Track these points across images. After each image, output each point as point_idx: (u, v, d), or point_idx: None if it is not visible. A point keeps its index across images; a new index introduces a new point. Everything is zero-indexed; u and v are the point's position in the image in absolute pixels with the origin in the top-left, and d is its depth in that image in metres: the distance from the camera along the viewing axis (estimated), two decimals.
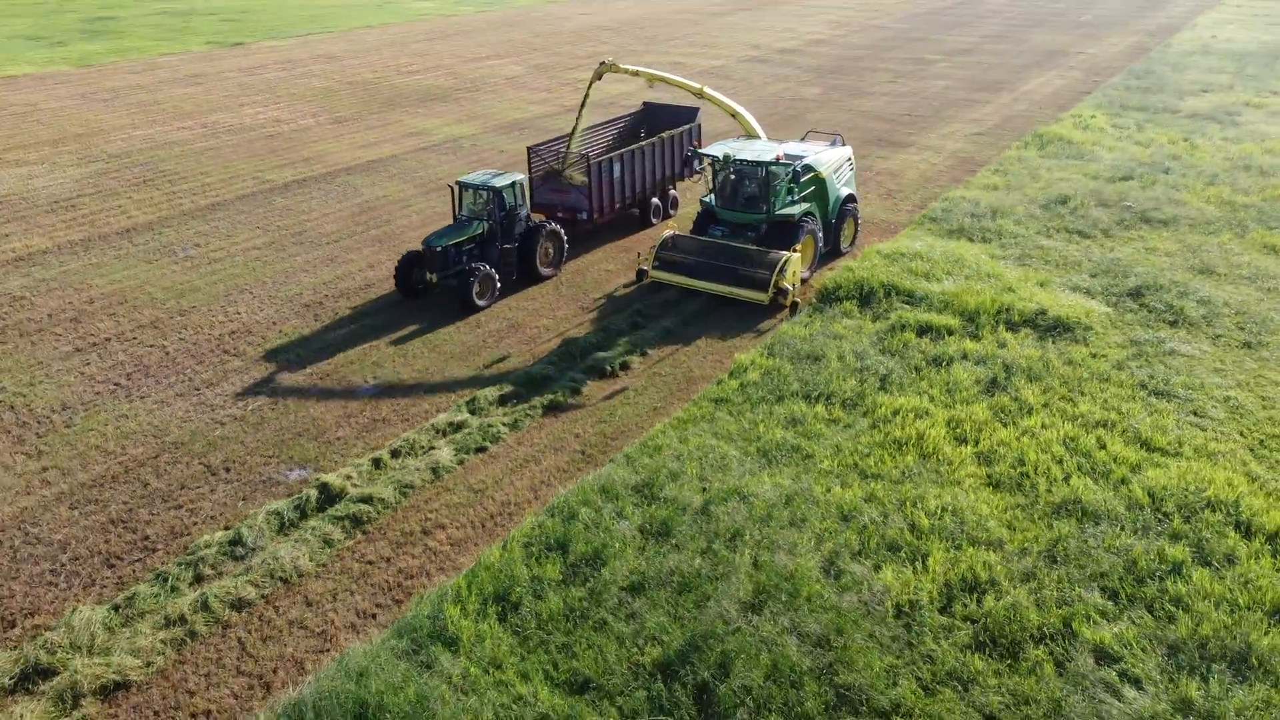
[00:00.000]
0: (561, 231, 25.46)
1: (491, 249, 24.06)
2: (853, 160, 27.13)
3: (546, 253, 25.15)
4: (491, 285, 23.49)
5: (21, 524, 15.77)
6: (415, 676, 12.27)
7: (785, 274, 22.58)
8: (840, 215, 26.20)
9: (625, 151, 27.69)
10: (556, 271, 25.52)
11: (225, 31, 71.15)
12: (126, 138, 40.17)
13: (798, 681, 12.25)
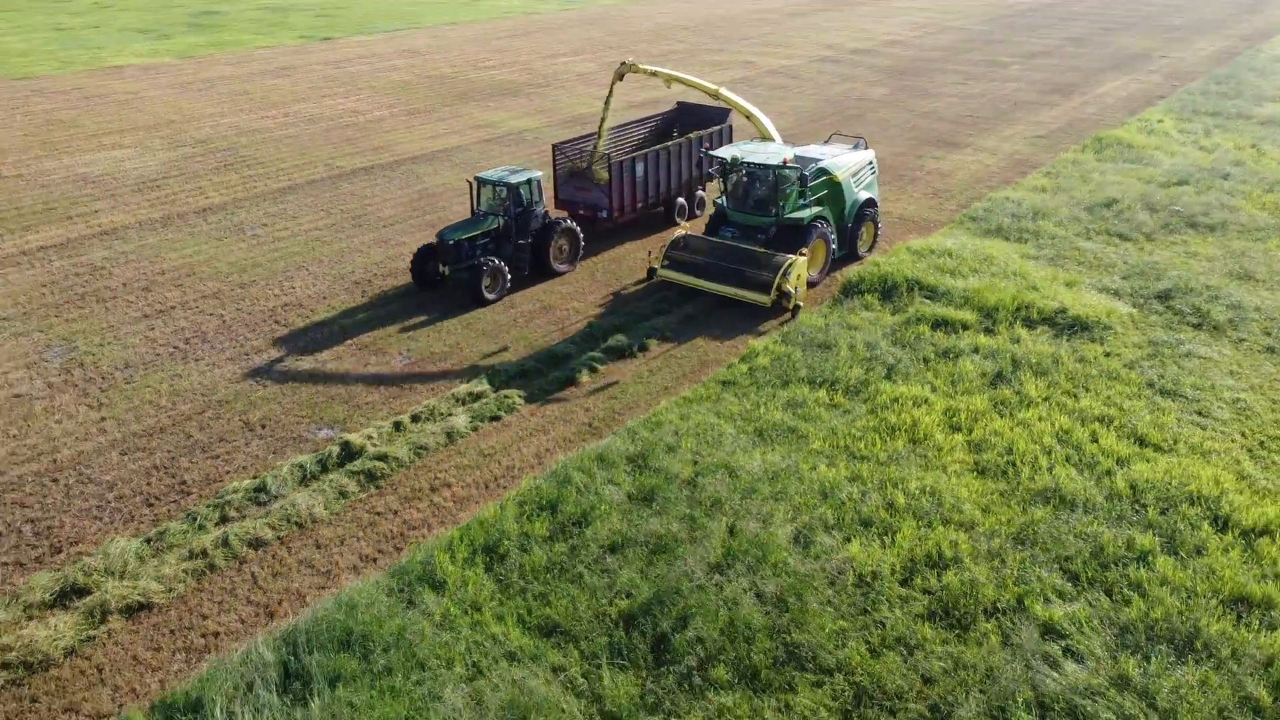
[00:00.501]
0: (577, 229, 25.87)
1: (506, 244, 24.62)
2: (874, 164, 27.05)
3: (561, 249, 25.63)
4: (501, 280, 24.04)
5: (77, 465, 17.50)
6: (400, 612, 13.47)
7: (789, 277, 22.63)
8: (857, 219, 26.07)
9: (649, 151, 28.02)
10: (572, 268, 25.97)
11: (319, 26, 74.21)
12: (214, 125, 42.65)
13: (750, 637, 13.06)
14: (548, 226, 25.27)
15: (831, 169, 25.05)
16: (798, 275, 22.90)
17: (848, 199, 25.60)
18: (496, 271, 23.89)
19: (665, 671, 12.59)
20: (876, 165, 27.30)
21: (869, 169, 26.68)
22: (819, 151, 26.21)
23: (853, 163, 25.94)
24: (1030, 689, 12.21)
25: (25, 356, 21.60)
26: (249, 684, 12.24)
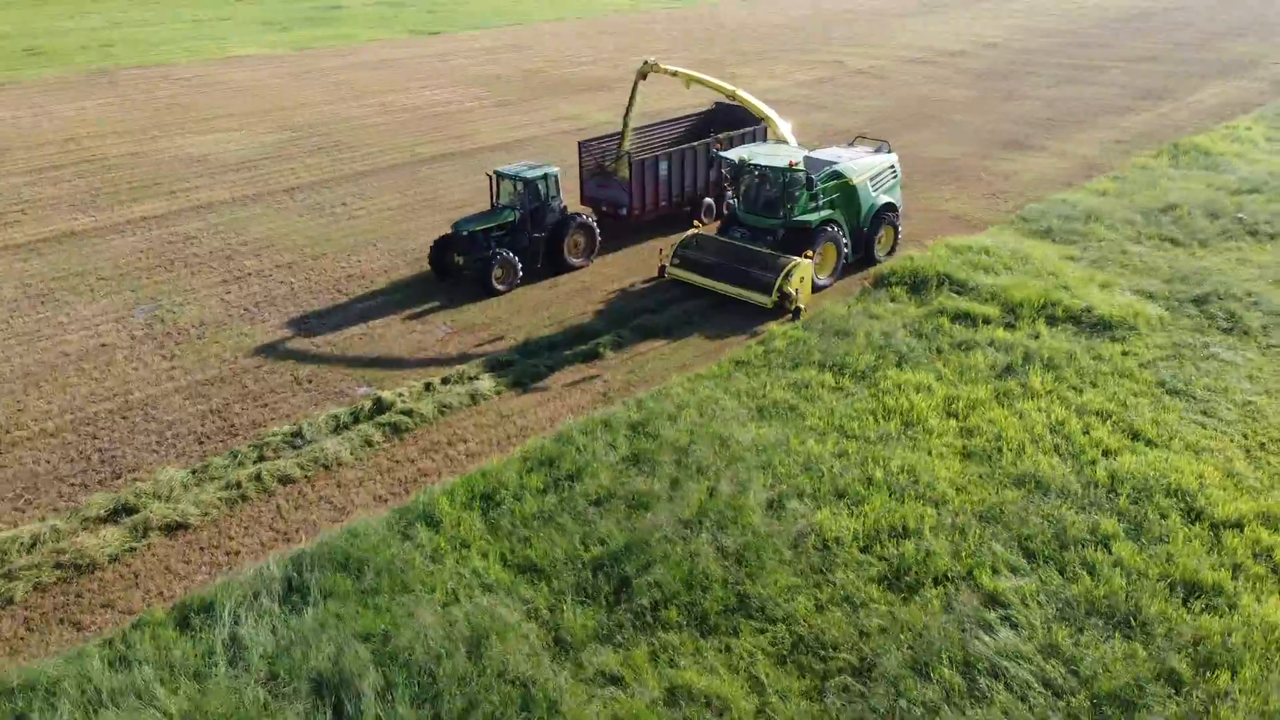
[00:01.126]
0: (594, 225, 26.41)
1: (521, 236, 25.31)
2: (897, 168, 26.76)
3: (576, 244, 26.19)
4: (512, 271, 24.75)
5: (145, 406, 19.68)
6: (396, 543, 15.01)
7: (791, 279, 22.81)
8: (874, 224, 25.80)
9: (674, 150, 28.32)
10: (587, 262, 26.49)
11: (429, 21, 77.39)
12: (315, 112, 45.49)
13: (706, 586, 14.14)
14: (563, 221, 25.84)
15: (846, 172, 25.06)
16: (800, 278, 23.03)
17: (864, 203, 25.50)
18: (507, 263, 24.62)
19: (623, 610, 13.78)
20: (900, 169, 27.08)
21: (890, 173, 26.47)
22: (836, 154, 26.23)
23: (871, 166, 25.81)
24: (960, 649, 12.94)
25: (116, 312, 24.07)
26: (255, 594, 13.93)
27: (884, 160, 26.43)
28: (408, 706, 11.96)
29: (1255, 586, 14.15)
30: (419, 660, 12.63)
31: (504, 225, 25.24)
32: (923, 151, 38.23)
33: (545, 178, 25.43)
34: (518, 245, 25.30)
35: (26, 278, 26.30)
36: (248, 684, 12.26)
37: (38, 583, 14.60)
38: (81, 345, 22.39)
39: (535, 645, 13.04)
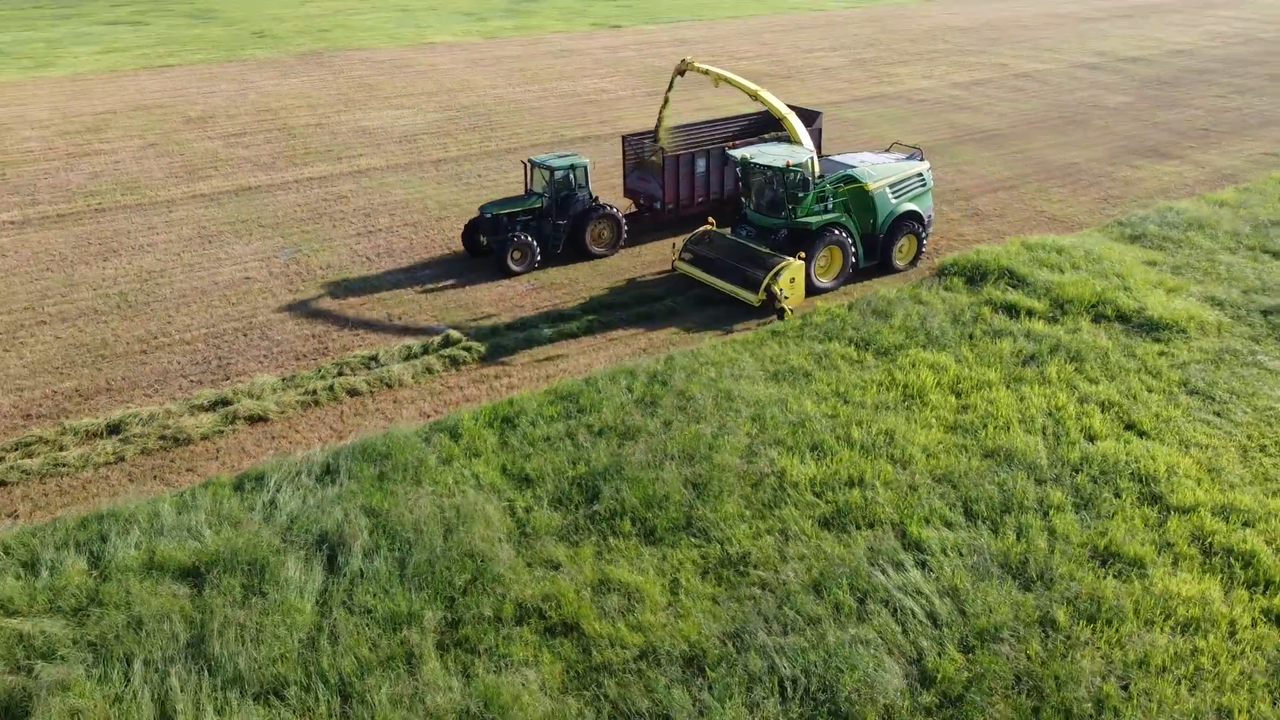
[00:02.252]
0: (620, 217, 27.46)
1: (546, 222, 26.83)
2: (925, 177, 26.29)
3: (600, 234, 27.35)
4: (530, 254, 26.20)
5: (263, 327, 23.52)
6: (419, 446, 17.85)
7: (779, 279, 23.23)
8: (893, 230, 25.68)
9: (713, 147, 28.78)
10: (611, 252, 27.52)
11: (614, 15, 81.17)
12: (482, 95, 49.66)
13: (663, 506, 16.17)
14: (588, 211, 27.07)
15: (861, 178, 24.97)
16: (790, 279, 23.46)
17: (880, 209, 25.33)
18: (524, 246, 26.14)
19: (584, 515, 16.04)
20: (929, 179, 26.55)
21: (916, 181, 26.06)
22: (859, 159, 26.35)
23: (894, 173, 25.57)
24: (864, 580, 14.43)
25: (264, 253, 28.31)
26: (298, 472, 17.09)
27: (910, 168, 26.08)
28: (382, 562, 14.71)
29: (1176, 563, 14.81)
30: (404, 533, 15.37)
31: (530, 210, 26.82)
32: (1050, 155, 38.06)
33: (572, 168, 26.79)
34: (542, 231, 26.89)
35: (204, 221, 31.11)
36: (269, 533, 15.37)
37: (145, 448, 18.38)
38: (229, 277, 26.65)
39: (501, 534, 15.51)
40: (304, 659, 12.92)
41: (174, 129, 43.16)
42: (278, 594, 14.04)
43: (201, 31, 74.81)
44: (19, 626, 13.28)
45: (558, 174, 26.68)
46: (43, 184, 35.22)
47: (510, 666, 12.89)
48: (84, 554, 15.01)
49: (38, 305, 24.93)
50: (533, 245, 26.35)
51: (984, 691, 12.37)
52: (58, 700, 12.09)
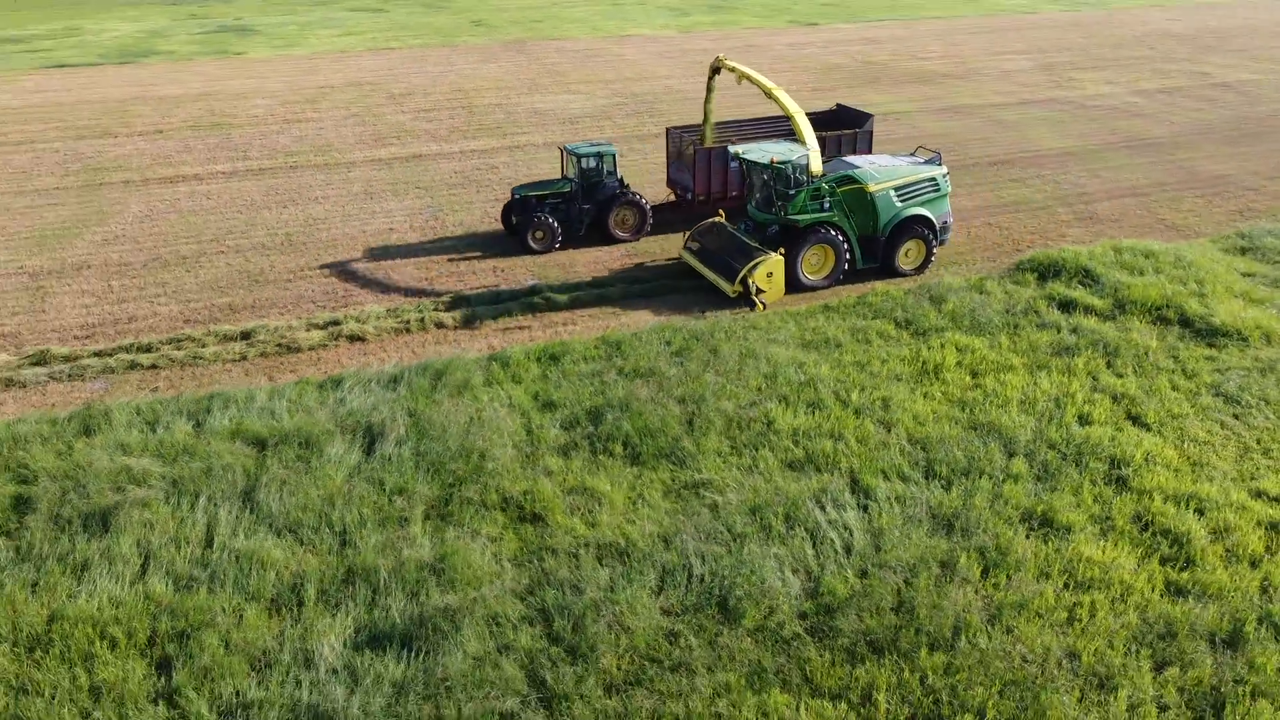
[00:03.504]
0: (645, 205, 28.82)
1: (572, 206, 28.57)
2: (939, 182, 26.08)
3: (624, 220, 28.82)
4: (550, 234, 27.94)
5: (387, 269, 27.43)
6: (473, 370, 20.92)
7: (756, 271, 24.11)
8: (896, 234, 25.71)
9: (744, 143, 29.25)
10: (635, 238, 28.98)
11: (815, 14, 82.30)
12: (655, 84, 52.69)
13: (654, 436, 18.41)
14: (612, 198, 28.57)
15: (862, 179, 25.14)
16: (766, 273, 24.29)
17: (882, 212, 25.43)
18: (545, 227, 27.90)
19: (584, 436, 18.56)
20: (944, 184, 26.25)
21: (928, 185, 25.93)
22: (869, 160, 26.57)
23: (902, 176, 25.60)
24: (800, 510, 16.14)
25: (411, 210, 32.46)
26: (370, 380, 20.55)
27: (922, 172, 25.95)
28: (406, 451, 17.84)
29: (1104, 534, 15.62)
30: (431, 430, 18.44)
31: (558, 194, 28.63)
32: (1204, 166, 36.84)
33: (599, 156, 28.37)
34: (569, 214, 28.63)
35: (372, 181, 35.74)
36: (328, 420, 18.85)
37: (264, 352, 22.49)
38: (376, 227, 30.89)
39: (510, 442, 18.27)
40: (321, 511, 16.19)
41: (376, 103, 48.78)
42: (319, 464, 17.44)
43: (430, 19, 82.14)
44: (127, 462, 17.32)
45: (585, 161, 28.31)
46: (256, 144, 41.23)
47: (476, 538, 15.65)
48: (191, 421, 19.03)
49: (220, 239, 30.02)
50: (554, 226, 28.06)
51: (858, 608, 13.95)
52: (137, 513, 15.93)
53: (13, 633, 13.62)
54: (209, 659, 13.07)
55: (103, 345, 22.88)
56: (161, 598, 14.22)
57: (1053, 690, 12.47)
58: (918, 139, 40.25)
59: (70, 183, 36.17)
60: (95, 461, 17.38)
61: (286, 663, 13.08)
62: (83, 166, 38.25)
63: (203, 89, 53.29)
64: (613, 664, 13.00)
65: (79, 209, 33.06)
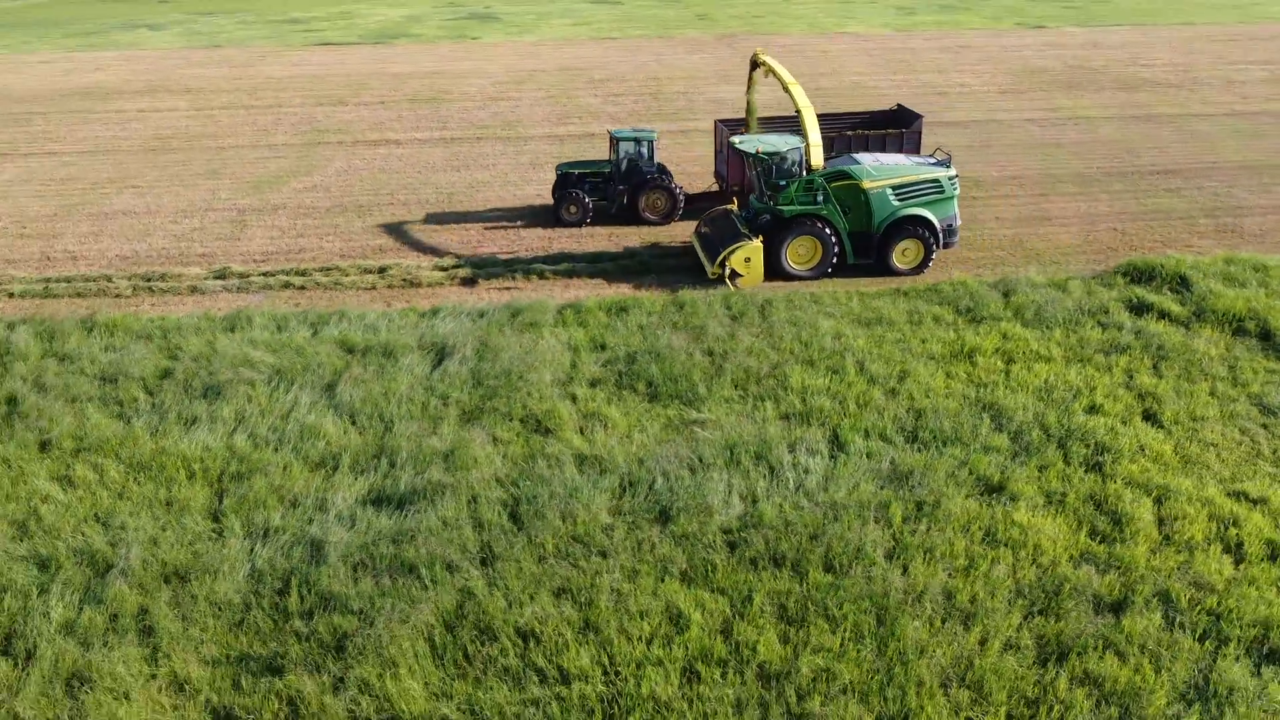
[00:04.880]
0: (677, 192, 30.32)
1: (610, 186, 30.59)
2: (943, 184, 26.06)
3: (654, 203, 30.40)
4: (583, 210, 30.14)
5: (520, 228, 30.95)
6: (546, 311, 23.84)
7: (734, 255, 25.38)
8: (891, 232, 25.94)
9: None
10: (664, 222, 30.47)
11: (1050, 16, 79.40)
12: (842, 80, 53.75)
13: (675, 379, 20.61)
14: (644, 182, 30.19)
15: (857, 175, 25.62)
16: (744, 257, 25.45)
17: (877, 210, 25.75)
18: (578, 202, 30.13)
19: (616, 373, 21.05)
20: (949, 187, 26.20)
21: (929, 187, 25.98)
22: (867, 158, 26.79)
23: (901, 175, 25.83)
24: (769, 450, 17.87)
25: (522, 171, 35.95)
26: (461, 313, 23.95)
27: (925, 173, 26.05)
28: (466, 366, 21.04)
29: (1048, 505, 16.37)
30: (490, 354, 21.57)
31: (599, 173, 30.76)
32: None
33: (637, 140, 30.24)
34: (606, 193, 30.71)
35: (540, 154, 39.56)
36: (412, 338, 22.40)
37: (390, 284, 26.57)
38: (527, 193, 34.52)
39: (551, 369, 21.04)
40: (378, 404, 19.66)
41: (574, 87, 52.95)
42: (392, 370, 20.98)
43: (659, 12, 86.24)
44: (249, 352, 21.58)
45: (623, 144, 30.29)
46: (456, 118, 46.29)
47: (488, 440, 18.58)
48: (310, 329, 23.17)
49: (394, 193, 34.72)
50: (587, 203, 30.26)
51: (778, 531, 15.69)
52: (243, 389, 20.06)
53: (130, 457, 17.92)
54: (254, 495, 16.74)
55: (270, 268, 27.72)
56: (238, 450, 18.11)
57: (912, 616, 13.80)
58: (1086, 145, 39.56)
59: (296, 140, 42.44)
60: (226, 350, 21.78)
61: (308, 506, 16.53)
62: (311, 128, 44.61)
63: (433, 68, 59.58)
64: (549, 541, 15.51)
65: (295, 162, 38.97)
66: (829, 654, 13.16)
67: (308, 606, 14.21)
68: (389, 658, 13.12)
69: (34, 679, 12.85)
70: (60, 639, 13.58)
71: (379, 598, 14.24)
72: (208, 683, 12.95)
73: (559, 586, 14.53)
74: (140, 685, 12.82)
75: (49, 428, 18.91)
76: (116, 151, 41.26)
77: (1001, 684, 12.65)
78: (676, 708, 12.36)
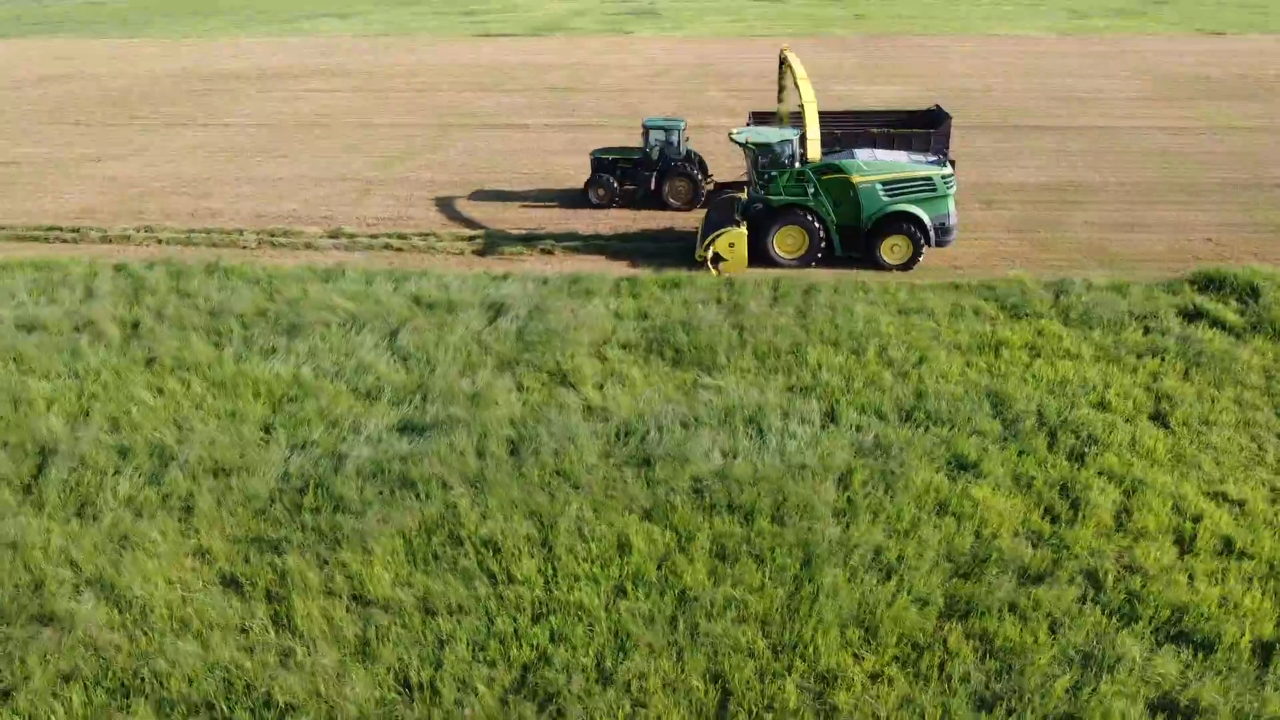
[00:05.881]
0: (699, 179, 31.69)
1: (638, 172, 32.16)
2: (936, 183, 26.15)
3: (678, 190, 31.97)
4: (609, 193, 32.14)
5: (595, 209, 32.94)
6: (604, 283, 25.72)
7: (719, 240, 26.39)
8: (879, 227, 26.40)
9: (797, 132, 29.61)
10: (686, 208, 31.83)
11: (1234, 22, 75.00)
12: (969, 82, 53.12)
13: (697, 348, 22.07)
14: (669, 168, 31.81)
15: (848, 169, 26.15)
16: (728, 243, 26.45)
17: (865, 204, 26.30)
18: (606, 185, 32.16)
19: (647, 339, 22.70)
20: (942, 186, 26.23)
21: (921, 184, 26.16)
22: (865, 154, 27.21)
23: (893, 171, 26.14)
24: (764, 416, 19.16)
25: None
26: (527, 279, 26.14)
27: (917, 169, 26.27)
28: (516, 322, 23.18)
29: (1014, 484, 16.97)
30: (544, 312, 23.62)
31: (629, 160, 32.58)
32: None
33: (666, 129, 31.81)
34: (636, 178, 32.41)
35: None
36: (476, 297, 24.75)
37: (476, 250, 29.05)
38: None
39: (591, 333, 22.89)
40: (429, 350, 22.04)
41: (705, 82, 54.59)
42: (450, 323, 23.38)
43: (816, 10, 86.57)
44: (333, 299, 24.46)
45: (653, 133, 31.98)
46: (587, 107, 48.79)
47: (514, 387, 20.62)
48: (393, 283, 25.91)
49: (507, 173, 37.39)
50: (614, 187, 32.27)
51: (741, 481, 17.00)
52: (319, 329, 22.90)
53: (213, 376, 20.96)
54: (303, 415, 19.38)
55: (377, 231, 30.79)
56: (301, 378, 20.86)
57: (835, 566, 14.90)
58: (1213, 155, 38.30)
59: (434, 122, 45.97)
60: (316, 296, 24.76)
61: (344, 427, 19.02)
62: (450, 111, 48.12)
63: (579, 60, 62.49)
64: (535, 473, 17.38)
65: (425, 141, 42.36)
66: (746, 588, 14.47)
67: (318, 505, 16.62)
68: (369, 549, 15.34)
69: (92, 536, 15.76)
70: (121, 509, 16.49)
71: (377, 503, 16.49)
72: (224, 555, 15.51)
73: (532, 510, 16.38)
74: (170, 550, 15.52)
75: (156, 348, 22.25)
76: (277, 125, 45.91)
77: (895, 629, 13.64)
78: (596, 615, 14.00)
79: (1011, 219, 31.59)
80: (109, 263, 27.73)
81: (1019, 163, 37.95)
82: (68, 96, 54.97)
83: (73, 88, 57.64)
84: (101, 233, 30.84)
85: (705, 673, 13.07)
